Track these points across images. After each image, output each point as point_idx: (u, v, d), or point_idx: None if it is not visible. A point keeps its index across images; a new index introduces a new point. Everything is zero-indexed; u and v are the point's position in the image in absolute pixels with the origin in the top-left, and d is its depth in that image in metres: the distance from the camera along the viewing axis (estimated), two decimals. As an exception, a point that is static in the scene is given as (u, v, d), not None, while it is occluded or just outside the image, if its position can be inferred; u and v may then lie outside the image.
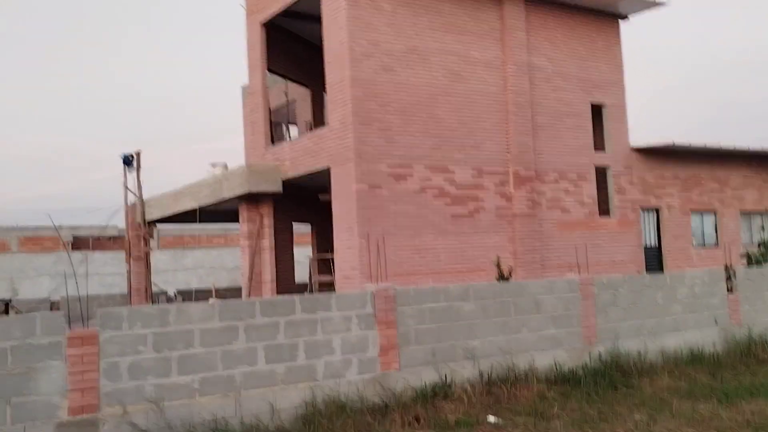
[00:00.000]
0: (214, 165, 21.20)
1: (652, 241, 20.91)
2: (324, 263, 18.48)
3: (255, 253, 18.22)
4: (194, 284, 33.64)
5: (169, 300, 28.53)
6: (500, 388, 9.72)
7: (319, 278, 18.13)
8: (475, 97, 17.08)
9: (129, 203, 25.05)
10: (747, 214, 23.88)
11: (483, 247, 16.70)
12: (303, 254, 25.70)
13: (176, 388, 7.68)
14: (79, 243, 38.64)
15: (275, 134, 21.57)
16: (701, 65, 71.49)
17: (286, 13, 18.49)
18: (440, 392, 9.29)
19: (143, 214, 24.69)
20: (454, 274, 15.80)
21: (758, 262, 16.40)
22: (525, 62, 17.90)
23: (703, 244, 22.25)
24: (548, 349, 10.76)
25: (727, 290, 13.44)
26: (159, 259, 33.63)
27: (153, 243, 28.15)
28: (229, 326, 8.10)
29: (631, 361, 11.32)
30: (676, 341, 12.36)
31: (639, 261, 19.92)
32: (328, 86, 15.92)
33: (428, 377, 9.47)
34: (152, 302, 25.42)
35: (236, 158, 22.17)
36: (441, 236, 16.01)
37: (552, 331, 10.88)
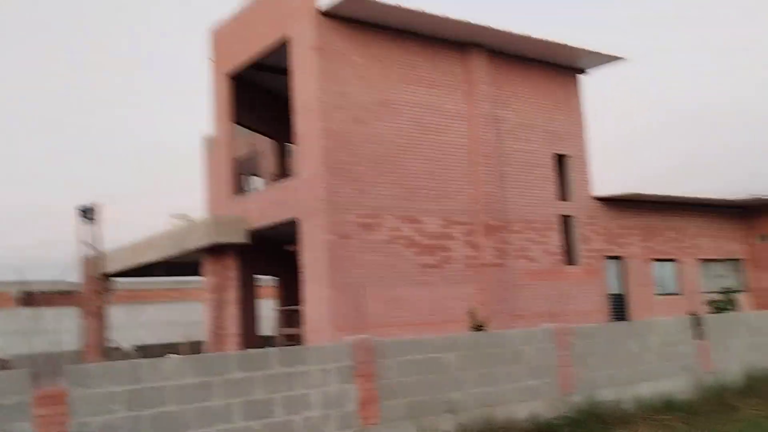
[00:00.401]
0: (176, 216, 20.89)
1: (616, 289, 21.10)
2: (290, 315, 18.14)
3: (219, 306, 17.80)
4: (149, 340, 32.69)
5: (125, 356, 27.59)
6: (481, 441, 9.55)
7: (285, 330, 17.76)
8: (443, 148, 17.21)
9: (86, 256, 24.41)
10: (705, 262, 24.35)
11: (453, 298, 16.61)
12: (265, 307, 25.23)
13: (150, 448, 7.31)
14: (29, 299, 37.35)
15: (238, 186, 21.33)
16: (660, 117, 74.05)
17: (252, 66, 18.53)
18: (421, 447, 9.05)
19: (101, 267, 24.07)
20: (427, 326, 15.63)
21: (723, 309, 16.68)
22: (491, 114, 18.17)
23: (666, 292, 22.54)
24: (527, 400, 10.63)
25: (697, 338, 13.56)
26: (112, 314, 32.66)
27: (108, 298, 27.31)
28: (204, 382, 7.80)
29: (607, 410, 11.27)
30: (650, 389, 12.37)
31: (604, 309, 20.05)
32: (297, 137, 15.88)
33: (408, 432, 9.23)
34: (107, 359, 24.57)
35: (197, 212, 21.80)
36: (411, 286, 15.88)
37: (530, 382, 10.77)
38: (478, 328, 14.13)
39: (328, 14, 15.73)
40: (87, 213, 24.27)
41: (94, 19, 78.80)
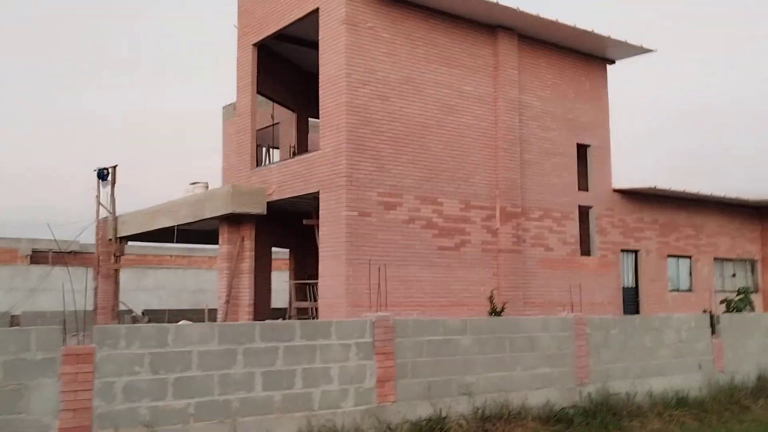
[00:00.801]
0: (194, 184, 20.86)
1: (629, 282, 21.05)
2: (304, 289, 18.18)
3: (233, 276, 17.84)
4: (155, 305, 32.84)
5: (135, 320, 27.77)
6: (494, 425, 9.58)
7: (299, 304, 17.81)
8: (466, 130, 17.11)
9: (101, 218, 24.48)
10: (720, 261, 24.24)
11: (467, 281, 16.59)
12: (276, 279, 25.30)
13: (171, 412, 7.36)
14: (38, 257, 37.57)
15: (257, 157, 21.31)
16: (682, 112, 73.48)
17: (278, 37, 18.41)
18: (436, 427, 9.08)
19: (115, 230, 24.15)
20: (437, 308, 15.64)
21: (738, 309, 16.62)
22: (516, 99, 18.03)
23: (678, 289, 22.48)
24: (541, 387, 10.64)
25: (712, 336, 13.53)
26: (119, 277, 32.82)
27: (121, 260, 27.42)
28: (228, 350, 7.82)
29: (620, 402, 11.28)
30: (663, 384, 12.35)
31: (617, 302, 20.01)
32: (321, 111, 15.79)
33: (424, 411, 9.25)
34: (119, 322, 24.73)
35: (213, 181, 21.77)
36: (426, 268, 15.87)
37: (545, 369, 10.77)
38: (496, 313, 14.12)
39: (359, -13, 15.57)
40: (104, 175, 24.31)
41: (115, -18, 78.48)
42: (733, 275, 24.81)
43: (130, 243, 25.58)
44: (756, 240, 25.63)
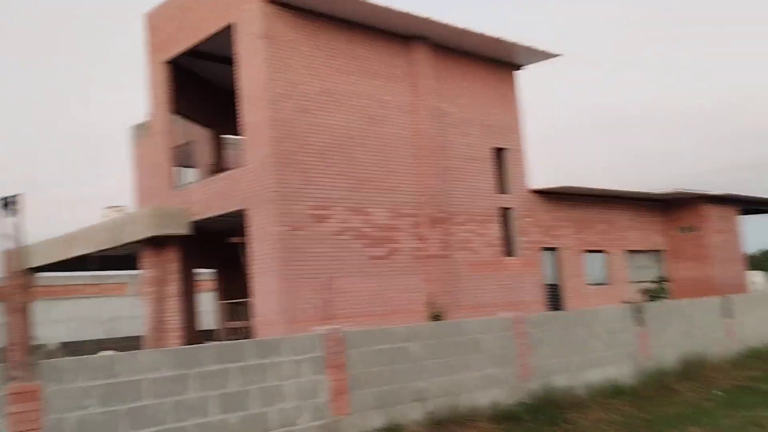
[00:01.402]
0: (110, 208, 20.12)
1: (551, 279, 21.71)
2: (234, 309, 17.79)
3: (160, 300, 17.28)
4: (66, 337, 31.38)
5: (49, 354, 26.41)
6: (448, 428, 9.66)
7: (230, 324, 17.41)
8: (389, 140, 17.25)
9: (7, 250, 23.16)
10: (631, 253, 25.36)
11: (400, 289, 16.68)
12: (202, 301, 24.64)
13: (126, 445, 7.04)
14: (-67, 294, 35.09)
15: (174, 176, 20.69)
16: (592, 114, 76.91)
17: (190, 53, 18.02)
18: (393, 436, 9.08)
19: (25, 261, 22.90)
20: (374, 318, 15.64)
21: (657, 298, 17.42)
22: (435, 107, 18.33)
23: (596, 282, 23.36)
24: (488, 387, 10.83)
25: (637, 325, 14.13)
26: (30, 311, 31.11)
27: (32, 293, 26.02)
28: (180, 375, 7.58)
29: (562, 396, 11.61)
30: (598, 375, 12.81)
31: (541, 299, 20.59)
32: (244, 127, 15.55)
33: (378, 421, 9.25)
34: (33, 357, 23.43)
35: (123, 202, 21.00)
36: (360, 279, 15.85)
37: (491, 370, 10.97)
38: (436, 317, 14.25)
39: (273, 2, 15.47)
40: (9, 204, 23.03)
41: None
42: (644, 266, 26.00)
43: (46, 273, 24.35)
44: (661, 232, 26.96)
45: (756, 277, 28.82)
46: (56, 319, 33.28)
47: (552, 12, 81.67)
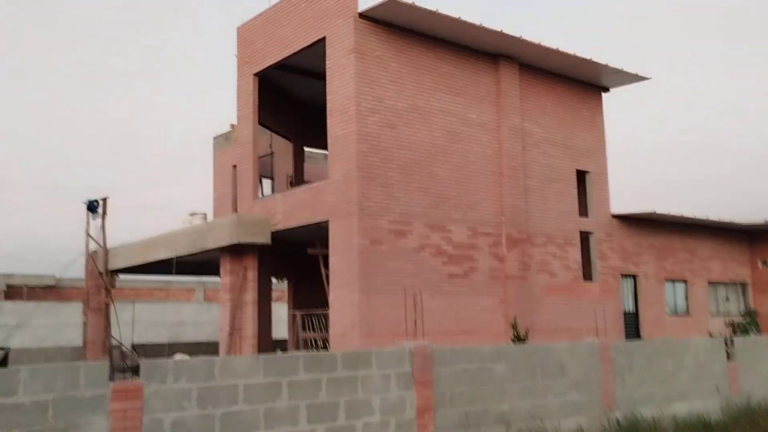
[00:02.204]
0: (193, 215, 20.60)
1: (629, 307, 21.13)
2: (309, 320, 17.92)
3: (237, 307, 17.55)
4: (133, 339, 32.20)
5: (124, 355, 27.17)
6: (531, 454, 9.44)
7: (305, 335, 17.53)
8: (471, 157, 17.16)
9: (91, 251, 23.98)
10: (713, 284, 24.47)
11: (476, 309, 16.50)
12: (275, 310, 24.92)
13: (219, 448, 7.11)
14: (11, 293, 36.67)
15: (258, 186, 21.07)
16: (679, 138, 75.29)
17: (277, 66, 18.37)
18: (476, 458, 8.92)
19: (106, 263, 23.67)
20: (449, 336, 15.49)
21: (744, 331, 16.72)
22: (518, 126, 18.16)
23: (676, 312, 22.61)
24: (571, 414, 10.54)
25: (727, 359, 13.57)
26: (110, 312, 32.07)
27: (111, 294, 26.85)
28: (273, 382, 7.62)
29: (647, 428, 11.21)
30: (685, 408, 12.32)
31: (619, 327, 20.04)
32: (330, 140, 15.71)
33: (462, 442, 9.09)
34: (110, 357, 24.16)
35: (201, 210, 21.42)
36: (436, 296, 15.75)
37: (574, 396, 10.68)
38: (520, 339, 14.02)
39: (366, 16, 15.64)
40: (94, 207, 23.87)
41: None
42: (727, 298, 25.05)
43: (126, 276, 25.11)
44: (746, 263, 25.95)
45: None
46: (125, 321, 34.20)
47: (639, 34, 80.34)
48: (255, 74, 18.51)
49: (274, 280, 23.03)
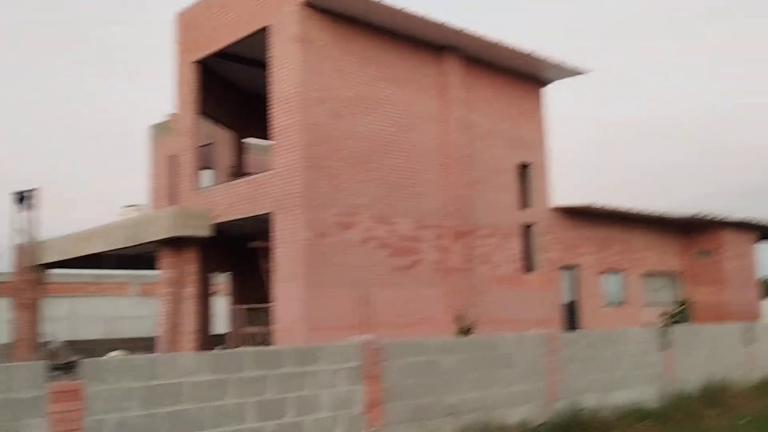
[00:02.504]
0: (129, 207, 20.00)
1: (569, 298, 21.51)
2: (251, 314, 17.62)
3: (176, 302, 17.11)
4: (66, 335, 31.19)
5: (56, 353, 26.20)
6: (480, 446, 9.47)
7: (247, 329, 17.22)
8: (417, 149, 17.12)
9: (20, 245, 23.03)
10: (648, 275, 25.15)
11: (421, 301, 16.51)
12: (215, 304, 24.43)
13: (164, 449, 6.86)
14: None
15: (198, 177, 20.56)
16: (614, 131, 77.06)
17: (218, 54, 17.94)
18: (425, 451, 8.89)
19: (37, 257, 22.77)
20: (396, 328, 15.46)
21: (678, 321, 17.20)
22: (464, 118, 18.21)
23: (612, 303, 23.15)
24: (518, 404, 10.64)
25: (663, 348, 13.93)
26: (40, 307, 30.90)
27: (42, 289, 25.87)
28: (219, 380, 7.41)
29: (589, 417, 11.41)
30: (624, 397, 12.61)
31: (559, 318, 20.38)
32: (274, 130, 15.42)
33: (411, 435, 9.05)
34: (39, 354, 23.27)
35: (135, 201, 20.79)
36: (382, 289, 15.68)
37: (521, 386, 10.78)
38: (467, 331, 14.06)
39: (311, 5, 15.39)
40: (24, 199, 22.92)
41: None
42: (660, 289, 25.78)
43: (58, 270, 24.19)
44: (678, 255, 26.76)
45: (769, 304, 28.62)
46: (60, 317, 33.09)
47: (578, 25, 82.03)
48: (195, 62, 18.03)
49: (217, 273, 22.58)
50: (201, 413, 7.19)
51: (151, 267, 24.26)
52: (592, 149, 76.95)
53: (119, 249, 18.85)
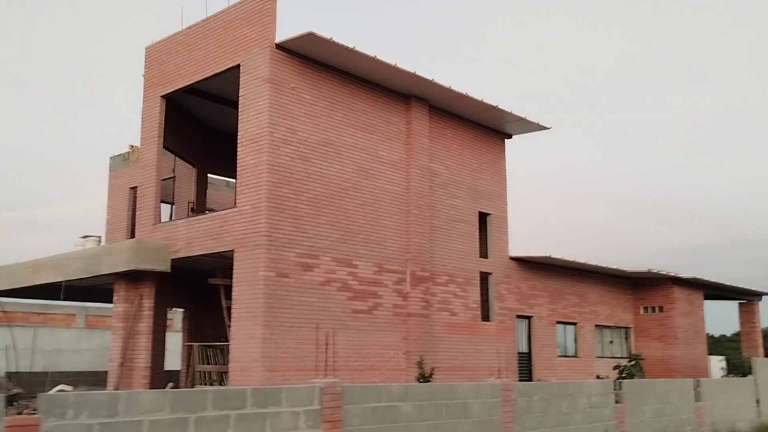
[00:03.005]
0: (85, 237, 19.65)
1: (523, 348, 21.72)
2: (206, 352, 17.34)
3: (129, 337, 16.77)
4: (3, 367, 30.09)
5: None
6: (436, 494, 9.46)
7: (202, 368, 16.92)
8: (380, 194, 17.30)
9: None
10: (600, 328, 25.58)
11: (379, 345, 16.51)
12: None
13: (119, 489, 6.71)
14: None
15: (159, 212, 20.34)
16: (570, 183, 79.09)
17: (186, 90, 17.99)
18: (382, 498, 8.84)
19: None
20: (351, 372, 15.39)
21: (630, 375, 17.51)
22: (426, 167, 18.51)
23: (566, 354, 23.43)
24: (474, 454, 10.66)
25: (616, 401, 14.16)
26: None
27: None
28: (180, 419, 7.31)
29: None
30: (577, 450, 12.72)
31: (514, 367, 20.52)
32: (239, 168, 15.44)
33: (368, 482, 9.00)
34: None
35: (87, 232, 20.33)
36: (341, 331, 15.63)
37: (478, 436, 10.81)
38: (425, 378, 14.06)
39: (282, 48, 15.60)
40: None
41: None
42: (611, 342, 26.23)
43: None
44: (629, 309, 27.32)
45: (715, 361, 29.25)
46: (-1, 348, 31.89)
47: (544, 80, 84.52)
48: (163, 96, 18.02)
49: (172, 309, 22.19)
50: (159, 453, 7.07)
51: (102, 300, 23.78)
52: (550, 202, 78.80)
53: (73, 280, 18.42)
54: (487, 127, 21.04)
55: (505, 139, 21.91)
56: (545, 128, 21.31)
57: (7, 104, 72.01)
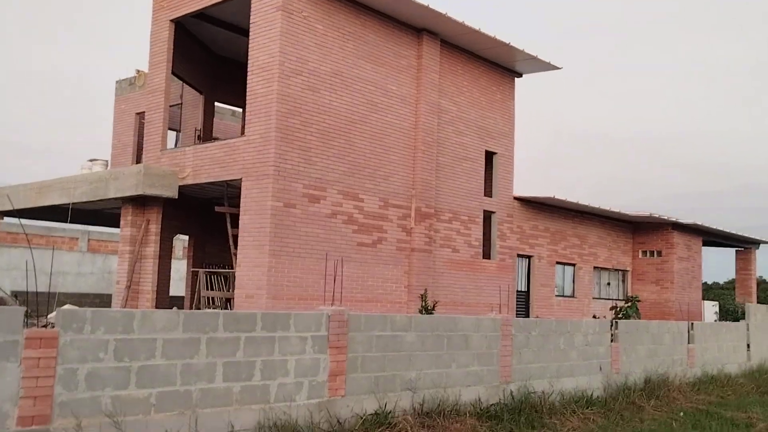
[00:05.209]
0: (92, 161, 19.71)
1: (522, 286, 22.06)
2: (211, 278, 17.61)
3: (136, 260, 17.03)
4: (8, 287, 30.59)
5: (2, 302, 25.74)
6: (434, 420, 9.80)
7: (208, 293, 17.22)
8: (388, 129, 17.28)
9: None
10: (598, 270, 25.91)
11: (381, 278, 16.77)
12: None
13: (133, 402, 6.99)
14: None
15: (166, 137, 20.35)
16: (578, 129, 78.61)
17: (196, 15, 17.75)
18: (383, 422, 9.16)
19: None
20: (354, 303, 15.70)
21: (627, 316, 17.84)
22: (435, 102, 18.42)
23: (563, 294, 23.81)
24: (473, 384, 10.99)
25: (611, 340, 14.49)
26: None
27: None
28: (192, 338, 7.53)
29: (538, 401, 11.85)
30: (572, 384, 13.10)
31: (512, 305, 20.89)
32: (249, 97, 15.38)
33: (370, 406, 9.32)
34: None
35: (94, 156, 20.38)
36: (345, 263, 15.85)
37: (476, 367, 11.13)
38: (428, 311, 14.35)
39: (295, -24, 15.34)
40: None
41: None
42: (608, 284, 26.61)
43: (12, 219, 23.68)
44: (628, 252, 27.61)
45: (709, 306, 29.70)
46: (1, 267, 32.40)
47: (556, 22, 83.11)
48: (172, 20, 17.79)
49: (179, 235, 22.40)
50: (172, 369, 7.31)
51: (107, 224, 24.03)
52: (553, 146, 78.54)
53: (79, 203, 18.57)
54: (498, 65, 20.84)
55: (515, 78, 21.72)
56: (556, 68, 21.11)
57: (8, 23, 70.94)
